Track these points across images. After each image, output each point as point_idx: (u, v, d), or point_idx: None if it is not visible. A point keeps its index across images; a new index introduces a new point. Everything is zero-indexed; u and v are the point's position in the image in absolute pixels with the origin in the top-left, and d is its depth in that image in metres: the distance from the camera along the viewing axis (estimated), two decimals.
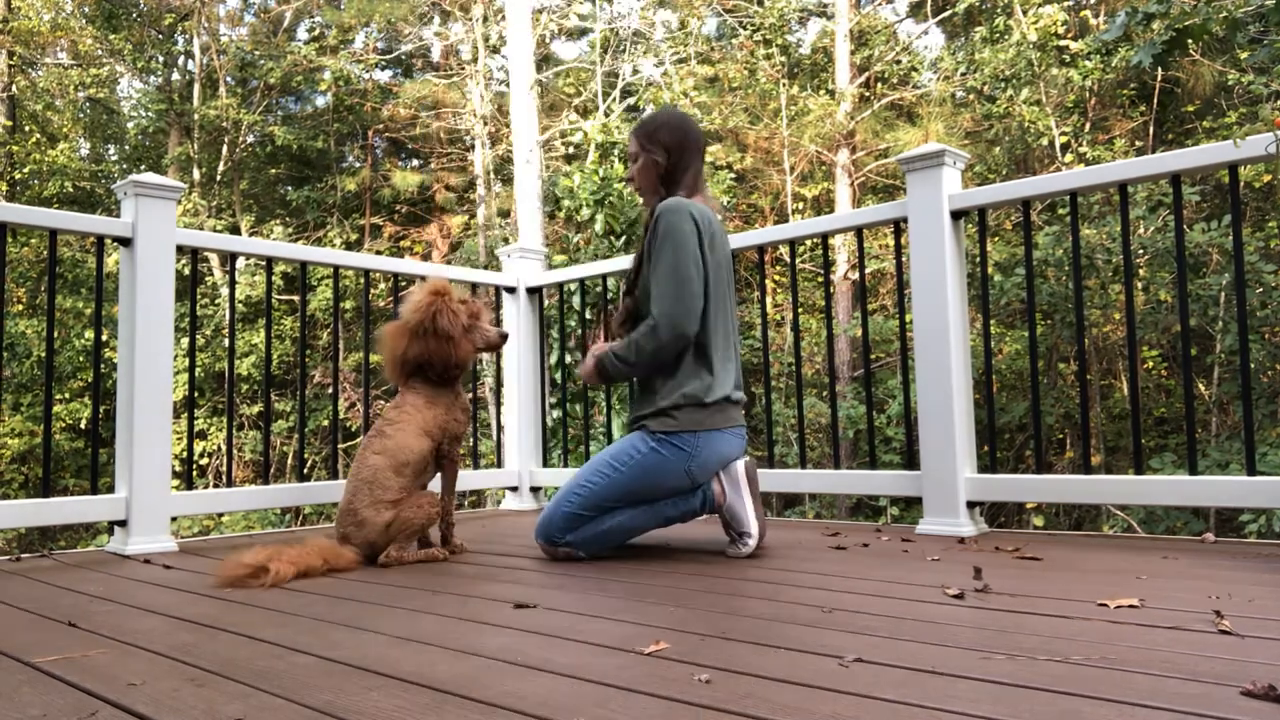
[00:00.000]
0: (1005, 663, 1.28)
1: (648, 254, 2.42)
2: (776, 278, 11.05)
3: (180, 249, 2.98)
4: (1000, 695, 1.13)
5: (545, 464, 4.07)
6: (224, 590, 2.04)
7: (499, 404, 4.15)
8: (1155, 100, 9.52)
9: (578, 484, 2.39)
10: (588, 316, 4.33)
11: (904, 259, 3.00)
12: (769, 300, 10.60)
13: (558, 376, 5.63)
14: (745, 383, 10.56)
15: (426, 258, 13.83)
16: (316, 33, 15.17)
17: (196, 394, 12.12)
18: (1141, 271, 7.38)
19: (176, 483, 7.70)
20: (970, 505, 2.76)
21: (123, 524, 2.76)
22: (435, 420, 2.51)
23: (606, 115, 10.16)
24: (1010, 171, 9.72)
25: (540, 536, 2.40)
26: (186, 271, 9.99)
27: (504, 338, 2.68)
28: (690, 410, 2.36)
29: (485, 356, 10.52)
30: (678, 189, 2.49)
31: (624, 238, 7.85)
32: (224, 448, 11.81)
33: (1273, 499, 2.31)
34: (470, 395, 4.08)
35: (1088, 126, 9.19)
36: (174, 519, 2.94)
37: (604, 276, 3.87)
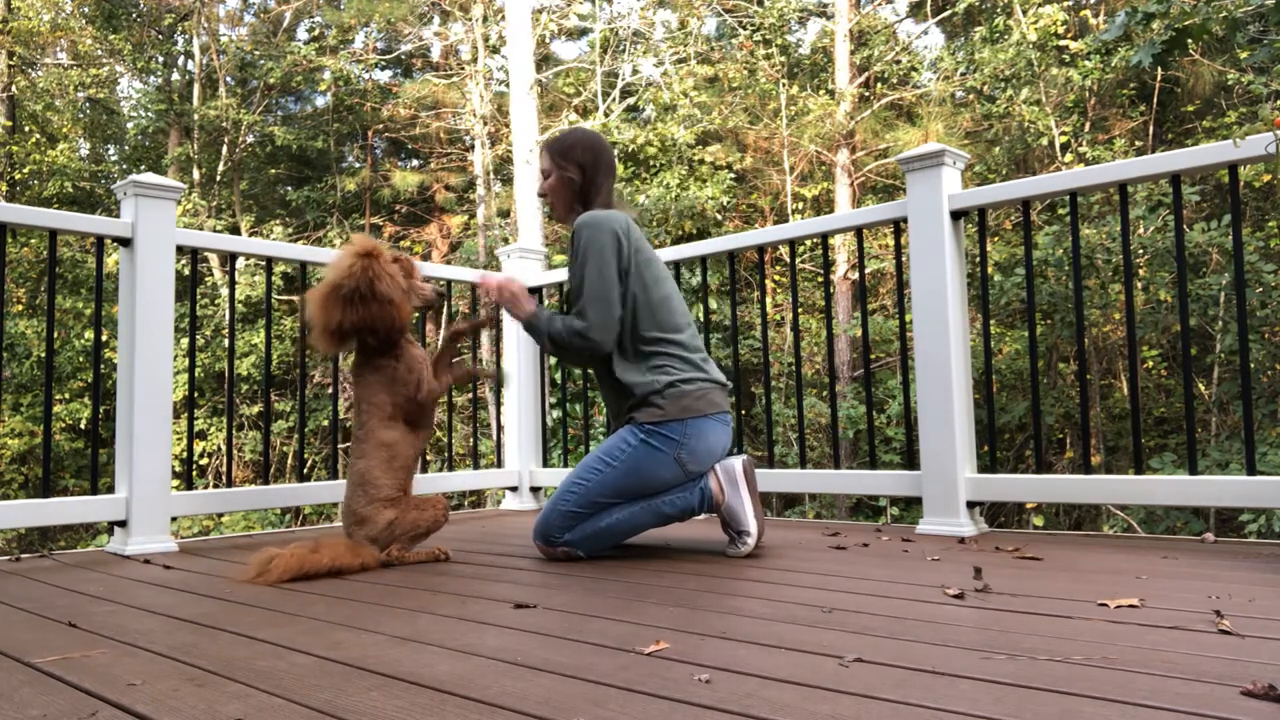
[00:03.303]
0: (1005, 663, 1.28)
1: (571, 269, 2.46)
2: (776, 278, 11.05)
3: (180, 249, 2.98)
4: (1001, 695, 1.13)
5: (545, 464, 4.07)
6: (229, 589, 2.04)
7: (499, 404, 4.15)
8: (1155, 100, 9.52)
9: (572, 482, 2.39)
10: None
11: (904, 259, 3.00)
12: (769, 300, 10.60)
13: (557, 376, 5.63)
14: (745, 383, 10.57)
15: (426, 258, 13.84)
16: (316, 33, 15.17)
17: (196, 394, 12.12)
18: (1141, 271, 7.38)
19: (176, 483, 7.71)
20: (970, 505, 2.76)
21: (123, 524, 2.76)
22: (394, 402, 2.47)
23: (606, 115, 10.16)
24: (1010, 171, 9.72)
25: (538, 537, 2.39)
26: (186, 272, 9.99)
27: (440, 295, 2.63)
28: (675, 398, 2.37)
29: (485, 356, 10.51)
30: (593, 206, 2.52)
31: None
32: (224, 448, 11.81)
33: (1273, 499, 2.31)
34: (470, 395, 4.08)
35: (1088, 126, 9.19)
36: (174, 519, 2.94)
37: None
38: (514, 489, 4.08)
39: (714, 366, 2.51)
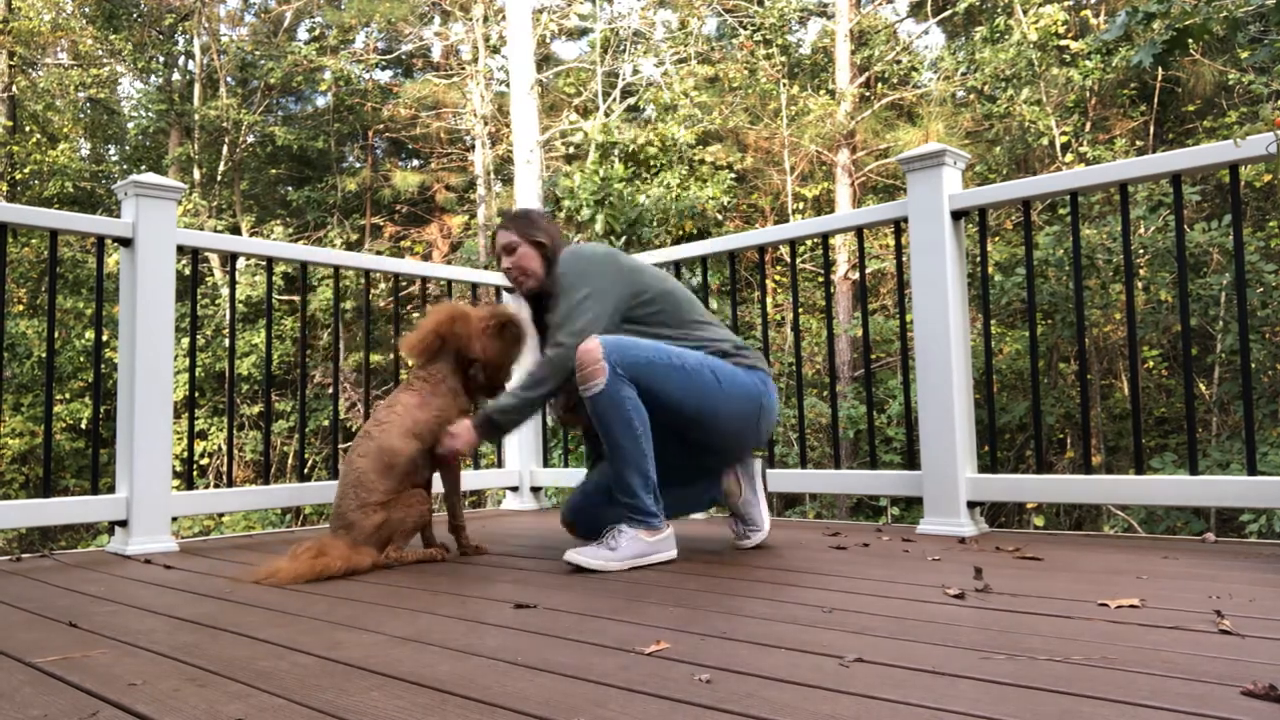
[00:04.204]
0: (1006, 663, 1.28)
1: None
2: (777, 278, 11.04)
3: (181, 249, 2.98)
4: (1001, 695, 1.13)
5: (545, 464, 4.07)
6: (230, 589, 2.04)
7: None
8: (1155, 100, 9.51)
9: (675, 359, 2.26)
10: None
11: (904, 259, 3.00)
12: (769, 300, 10.59)
13: None
14: None
15: (427, 258, 13.85)
16: (317, 33, 15.17)
17: (197, 394, 12.12)
18: (1142, 271, 7.38)
19: (177, 483, 7.70)
20: (971, 505, 2.76)
21: (123, 524, 2.76)
22: (426, 423, 2.45)
23: (607, 115, 10.15)
24: (1010, 171, 9.72)
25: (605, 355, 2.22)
26: (187, 272, 9.99)
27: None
28: (749, 355, 2.40)
29: None
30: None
31: (624, 238, 7.84)
32: (224, 448, 11.81)
33: (1273, 499, 2.31)
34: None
35: (1088, 126, 9.19)
36: (174, 519, 2.94)
37: None
38: (514, 489, 4.08)
39: None
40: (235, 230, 13.25)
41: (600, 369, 2.17)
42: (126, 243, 2.86)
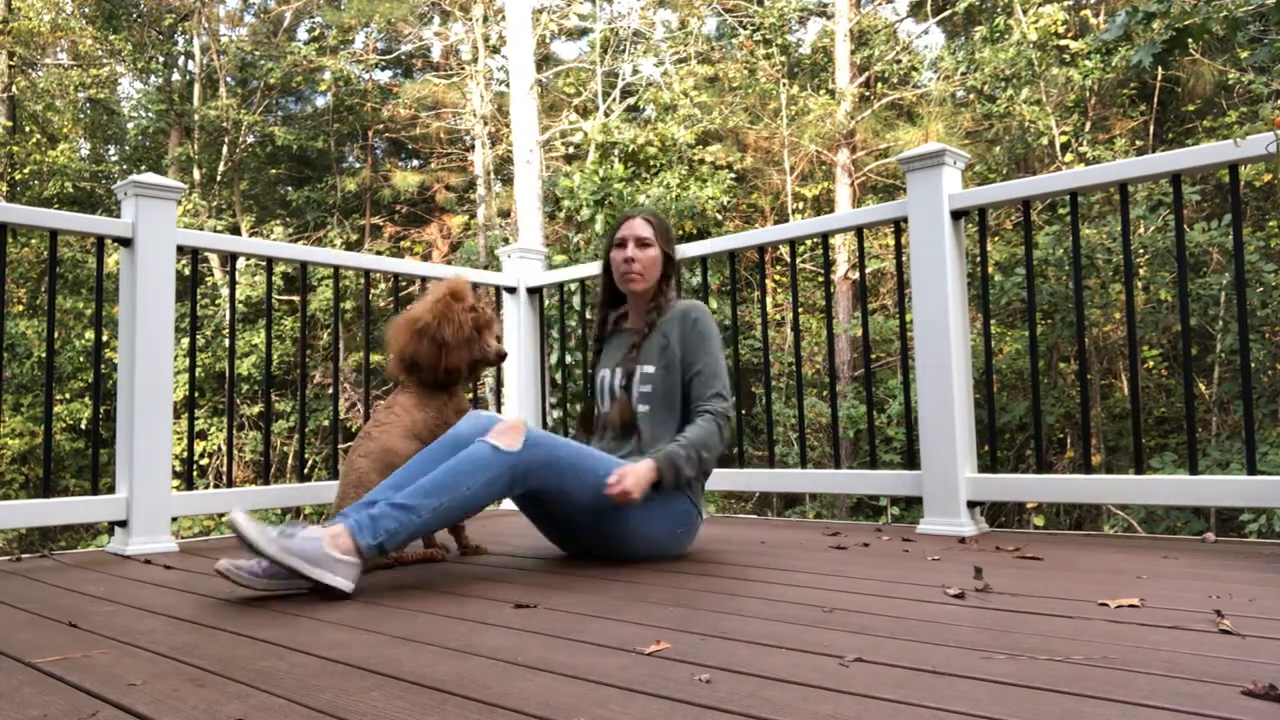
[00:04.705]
0: (1006, 662, 1.28)
1: (686, 350, 2.41)
2: (777, 277, 11.04)
3: (180, 249, 2.98)
4: (1001, 695, 1.13)
5: None
6: (229, 589, 2.04)
7: (499, 404, 4.15)
8: (1155, 100, 9.51)
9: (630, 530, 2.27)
10: (588, 317, 4.33)
11: (904, 259, 3.00)
12: (769, 300, 10.59)
13: (558, 377, 5.63)
14: (746, 383, 10.57)
15: (426, 258, 13.85)
16: (316, 33, 15.17)
17: (197, 394, 12.12)
18: (1142, 271, 7.38)
19: (177, 483, 7.70)
20: (971, 505, 2.76)
21: (123, 524, 2.76)
22: (425, 423, 2.46)
23: (606, 115, 10.16)
24: (1010, 171, 9.72)
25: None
26: (187, 272, 9.99)
27: (501, 356, 2.63)
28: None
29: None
30: (671, 287, 2.57)
31: None
32: (224, 448, 11.81)
33: (1273, 499, 2.31)
34: (471, 396, 4.08)
35: (1088, 126, 9.19)
36: (174, 519, 2.94)
37: None
38: None
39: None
40: (235, 230, 13.25)
41: (520, 436, 2.09)
42: (126, 243, 2.86)
